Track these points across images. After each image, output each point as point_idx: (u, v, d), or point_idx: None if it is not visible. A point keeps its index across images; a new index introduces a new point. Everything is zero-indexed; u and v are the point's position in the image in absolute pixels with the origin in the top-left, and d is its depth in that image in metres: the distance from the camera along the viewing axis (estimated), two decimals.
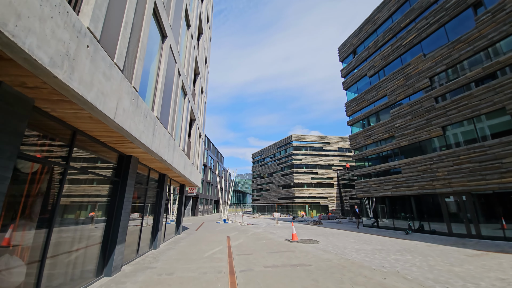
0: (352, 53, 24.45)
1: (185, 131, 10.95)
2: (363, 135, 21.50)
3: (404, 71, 17.83)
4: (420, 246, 10.67)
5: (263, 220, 32.47)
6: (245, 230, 18.17)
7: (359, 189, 21.33)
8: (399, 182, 17.29)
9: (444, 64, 15.00)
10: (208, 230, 17.59)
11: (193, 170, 13.68)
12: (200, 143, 17.34)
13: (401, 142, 17.52)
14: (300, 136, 48.05)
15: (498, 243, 10.90)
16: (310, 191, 44.64)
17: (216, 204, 61.96)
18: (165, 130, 7.40)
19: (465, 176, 13.22)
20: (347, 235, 14.61)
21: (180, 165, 9.88)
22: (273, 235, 14.90)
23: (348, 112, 23.95)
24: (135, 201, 8.12)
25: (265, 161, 60.05)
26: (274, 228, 19.41)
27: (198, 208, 42.79)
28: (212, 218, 36.44)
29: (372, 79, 21.19)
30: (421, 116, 16.16)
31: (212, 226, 21.13)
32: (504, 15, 11.87)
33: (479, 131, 12.93)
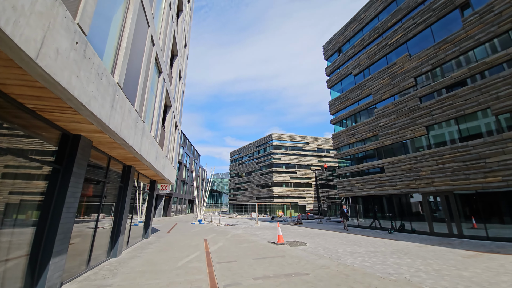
0: (337, 52, 24.25)
1: (158, 116, 9.22)
2: (346, 134, 21.27)
3: (389, 70, 17.80)
4: (411, 247, 10.20)
5: (241, 220, 31.10)
6: (223, 231, 16.67)
7: (341, 188, 21.04)
8: (382, 181, 17.16)
9: (429, 64, 15.07)
10: (182, 232, 15.76)
11: (166, 164, 11.89)
12: (176, 135, 15.48)
13: (385, 141, 17.43)
14: (280, 135, 47.60)
15: (483, 243, 10.88)
16: (288, 191, 44.31)
17: (191, 204, 59.07)
18: (131, 106, 5.74)
19: (448, 176, 13.26)
20: (332, 236, 13.90)
21: (151, 155, 8.16)
22: (256, 237, 13.65)
23: (331, 111, 23.65)
24: (89, 199, 6.30)
25: (244, 160, 58.71)
26: (254, 229, 18.17)
27: (171, 208, 40.02)
28: (187, 218, 34.15)
29: (357, 77, 21.06)
30: (405, 116, 16.14)
31: (186, 228, 19.24)
32: (493, 16, 12.03)
33: (463, 131, 13.04)
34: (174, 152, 15.15)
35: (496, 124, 11.62)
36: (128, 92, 5.58)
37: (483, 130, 12.25)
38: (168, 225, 22.08)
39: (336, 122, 22.96)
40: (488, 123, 12.05)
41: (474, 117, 12.65)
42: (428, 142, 14.72)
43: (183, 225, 22.18)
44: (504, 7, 11.44)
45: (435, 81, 14.80)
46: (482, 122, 12.30)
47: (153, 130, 8.52)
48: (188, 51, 18.64)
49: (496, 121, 11.65)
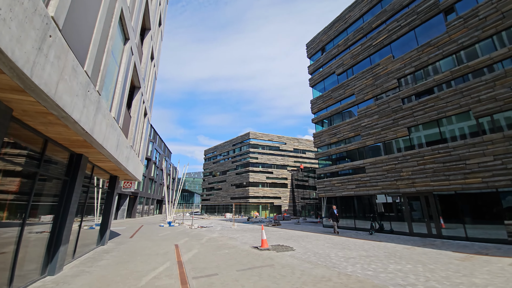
0: (320, 50, 23.98)
1: (122, 93, 7.37)
2: (328, 133, 20.96)
3: (373, 70, 17.79)
4: (399, 249, 9.74)
5: (215, 221, 29.28)
6: (197, 235, 14.93)
7: (321, 189, 20.64)
8: (363, 182, 17.00)
9: (413, 66, 15.22)
10: (148, 237, 13.66)
11: (132, 156, 9.91)
12: (145, 124, 13.39)
13: (367, 141, 17.33)
14: (258, 134, 46.64)
15: (464, 243, 10.93)
16: (264, 191, 43.48)
17: (159, 204, 55.07)
18: (78, 64, 4.01)
19: (428, 176, 13.35)
20: (317, 238, 13.11)
21: (110, 142, 6.35)
22: (235, 240, 12.25)
23: (313, 109, 23.26)
24: (12, 196, 4.38)
25: (219, 158, 56.54)
26: (232, 232, 16.71)
27: (137, 208, 36.47)
28: (154, 220, 31.21)
29: (340, 77, 20.90)
30: (388, 116, 16.15)
31: (153, 231, 17.01)
32: (477, 21, 12.33)
33: (444, 132, 13.23)
34: (142, 144, 13.06)
35: (477, 127, 11.88)
36: (73, 40, 3.85)
37: (463, 132, 12.48)
38: (132, 227, 19.48)
39: (317, 121, 22.59)
40: (469, 126, 12.30)
41: (455, 119, 12.88)
42: (410, 143, 14.80)
43: (150, 227, 19.78)
44: (489, 12, 11.76)
45: (418, 83, 14.96)
46: (463, 124, 12.54)
47: (114, 110, 6.68)
48: (163, 31, 16.53)
49: (477, 123, 11.90)
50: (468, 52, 12.82)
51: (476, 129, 11.90)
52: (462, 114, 12.58)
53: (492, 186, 10.86)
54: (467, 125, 12.31)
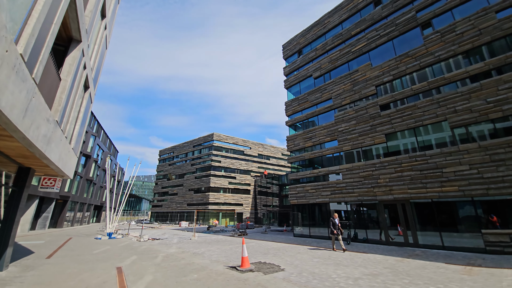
0: (297, 53, 23.44)
1: (43, 32, 4.48)
2: (303, 137, 20.07)
3: (351, 76, 17.70)
4: (395, 263, 8.76)
5: (170, 231, 25.31)
6: (148, 250, 11.68)
7: (293, 195, 19.40)
8: (339, 188, 16.33)
9: (391, 74, 15.42)
10: (76, 255, 9.89)
11: (57, 138, 6.70)
12: (84, 101, 9.93)
13: (343, 146, 16.86)
14: (222, 136, 43.91)
15: (445, 253, 10.67)
16: (226, 197, 40.61)
17: (98, 211, 46.63)
18: None
19: (406, 184, 13.23)
20: (298, 251, 11.45)
21: (12, 96, 3.48)
22: (202, 257, 9.65)
23: (288, 112, 22.27)
24: None
25: (176, 160, 51.38)
26: (194, 245, 13.84)
27: (66, 215, 29.49)
28: (89, 230, 25.37)
29: (317, 80, 20.47)
30: (366, 122, 15.97)
31: (86, 246, 12.90)
32: (454, 36, 12.93)
33: (421, 141, 13.38)
34: (77, 128, 9.54)
35: (452, 136, 12.18)
36: None
37: (440, 141, 12.73)
38: (54, 241, 14.66)
39: (292, 124, 21.62)
40: (446, 135, 12.59)
41: (432, 128, 13.14)
42: (387, 150, 14.70)
43: (82, 241, 15.26)
44: (467, 28, 12.41)
45: (395, 91, 15.14)
46: (440, 133, 12.81)
47: (24, 44, 3.81)
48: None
49: (452, 133, 12.21)
50: (445, 65, 13.35)
51: (452, 138, 12.19)
52: (438, 123, 12.87)
53: (468, 194, 11.01)
54: (444, 134, 12.59)
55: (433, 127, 13.10)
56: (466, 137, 11.76)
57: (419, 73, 14.31)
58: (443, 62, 13.32)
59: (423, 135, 13.39)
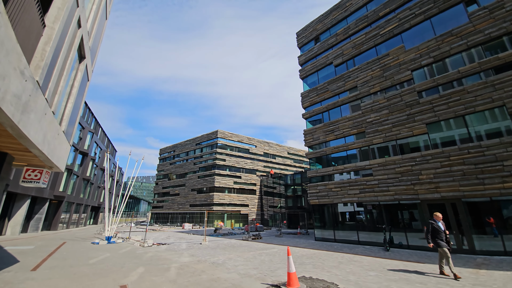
0: (314, 40, 21.61)
1: None
2: (323, 130, 18.18)
3: (380, 61, 15.86)
4: (465, 273, 6.85)
5: (173, 234, 23.27)
6: (156, 259, 9.68)
7: (313, 194, 17.47)
8: (370, 186, 14.43)
9: (431, 56, 13.61)
10: (68, 266, 7.87)
11: (37, 108, 4.75)
12: (79, 73, 7.98)
13: (374, 139, 14.98)
14: (227, 134, 41.90)
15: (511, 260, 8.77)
16: (231, 197, 38.54)
17: (95, 212, 44.38)
18: None
19: (456, 180, 11.36)
20: (338, 259, 9.49)
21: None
22: (227, 270, 7.69)
23: (304, 103, 20.39)
24: None
25: (178, 159, 49.22)
26: (208, 251, 11.85)
27: (61, 217, 27.34)
28: (86, 233, 23.26)
29: (339, 68, 18.62)
30: (401, 111, 14.12)
31: (81, 253, 10.85)
32: (504, 13, 11.19)
33: (473, 130, 11.53)
34: (69, 105, 7.58)
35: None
36: None
37: (497, 129, 10.89)
38: (46, 246, 12.59)
39: (309, 116, 19.73)
40: (503, 122, 10.75)
41: (486, 115, 11.30)
42: (429, 141, 12.84)
43: (77, 246, 13.20)
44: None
45: (437, 75, 13.31)
46: (498, 120, 10.97)
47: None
48: None
49: None
50: (498, 44, 11.55)
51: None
52: (494, 109, 11.03)
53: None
54: (502, 123, 10.75)
55: (488, 114, 11.25)
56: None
57: (466, 53, 12.49)
58: (495, 40, 11.51)
59: (475, 123, 11.54)
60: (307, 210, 31.91)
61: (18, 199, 19.81)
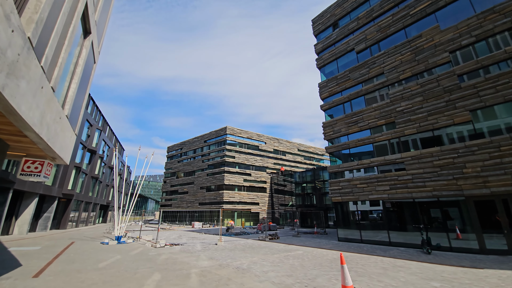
0: (332, 26, 20.18)
1: None
2: (345, 122, 16.81)
3: (411, 44, 14.38)
4: None
5: (184, 233, 22.36)
6: (171, 262, 8.61)
7: (336, 191, 16.16)
8: (402, 182, 13.05)
9: (472, 36, 12.09)
10: (73, 274, 6.87)
11: (31, 76, 3.63)
12: (84, 50, 6.93)
13: (405, 129, 13.57)
14: (236, 130, 40.77)
15: None
16: (241, 195, 37.46)
17: (104, 211, 44.08)
18: None
19: (509, 173, 9.90)
20: (379, 264, 8.23)
21: None
22: (257, 279, 6.54)
23: (323, 94, 19.04)
24: None
25: (186, 156, 48.44)
26: (226, 253, 10.74)
27: (70, 215, 26.81)
28: (95, 232, 22.57)
29: (362, 54, 17.18)
30: (438, 97, 12.66)
31: (90, 254, 9.90)
32: None
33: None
34: (73, 85, 6.53)
35: None
36: None
37: None
38: (53, 247, 11.73)
39: (328, 108, 18.37)
40: None
41: None
42: (474, 130, 11.37)
43: (85, 246, 12.31)
44: None
45: (480, 56, 11.80)
46: None
47: None
48: None
49: None
50: None
51: None
52: None
53: None
54: None
55: None
56: None
57: (509, 32, 10.95)
58: None
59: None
60: (322, 208, 30.57)
61: (25, 197, 19.18)
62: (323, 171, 33.42)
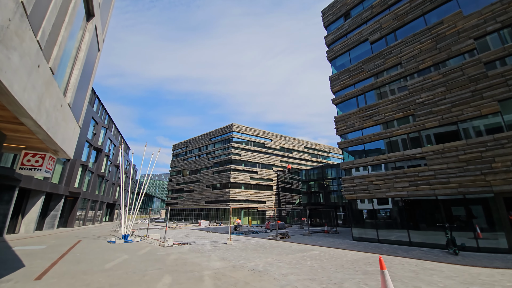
0: (343, 16, 19.35)
1: None
2: (359, 116, 16.05)
3: (432, 31, 13.52)
4: None
5: (192, 232, 21.95)
6: (182, 264, 8.08)
7: (349, 188, 15.45)
8: (423, 178, 12.27)
9: (498, 21, 11.20)
10: (79, 276, 6.39)
11: (25, 51, 3.05)
12: (87, 34, 6.39)
13: (426, 122, 12.77)
14: (242, 128, 40.20)
15: None
16: (248, 194, 36.94)
17: (110, 209, 44.12)
18: None
19: None
20: (410, 267, 7.55)
21: None
22: (277, 283, 5.95)
23: (334, 87, 18.27)
24: None
25: (191, 154, 48.11)
26: (237, 253, 10.18)
27: (77, 214, 26.69)
28: (102, 230, 22.33)
29: (376, 45, 16.35)
30: (463, 87, 11.82)
31: (96, 254, 9.46)
32: None
33: None
34: (75, 71, 6.00)
35: None
36: None
37: None
38: (59, 246, 11.36)
39: (340, 101, 17.61)
40: None
41: None
42: (503, 122, 10.53)
43: (92, 245, 11.91)
44: None
45: (508, 42, 10.92)
46: None
47: None
48: None
49: None
50: None
51: None
52: None
53: None
54: None
55: None
56: None
57: None
58: None
59: None
60: (329, 206, 29.85)
61: (32, 195, 18.97)
62: (331, 168, 32.63)
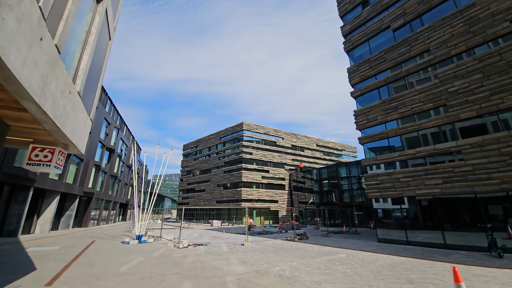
0: (361, 4, 18.29)
1: None
2: (381, 108, 15.00)
3: (463, 14, 12.34)
4: None
5: (205, 232, 21.47)
6: (201, 268, 7.46)
7: (373, 186, 14.44)
8: (460, 174, 11.15)
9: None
10: (92, 282, 5.86)
11: (24, 25, 2.42)
12: (97, 16, 5.84)
13: (461, 113, 11.63)
14: (253, 126, 39.52)
15: None
16: (259, 193, 36.23)
17: (123, 209, 44.55)
18: None
19: None
20: (463, 273, 6.62)
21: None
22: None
23: (353, 80, 17.26)
24: None
25: (202, 154, 47.92)
26: (257, 255, 9.48)
27: (91, 213, 26.83)
28: (115, 230, 22.23)
29: (399, 32, 15.24)
30: (502, 73, 10.64)
31: (110, 255, 9.01)
32: None
33: None
34: (85, 56, 5.46)
35: None
36: None
37: None
38: (73, 246, 11.05)
39: (360, 94, 16.59)
40: None
41: None
42: None
43: (106, 246, 11.54)
44: None
45: None
46: None
47: None
48: None
49: None
50: None
51: None
52: None
53: None
54: None
55: None
56: None
57: None
58: None
59: None
60: (345, 205, 28.69)
61: (47, 195, 19.03)
62: (346, 166, 31.43)
